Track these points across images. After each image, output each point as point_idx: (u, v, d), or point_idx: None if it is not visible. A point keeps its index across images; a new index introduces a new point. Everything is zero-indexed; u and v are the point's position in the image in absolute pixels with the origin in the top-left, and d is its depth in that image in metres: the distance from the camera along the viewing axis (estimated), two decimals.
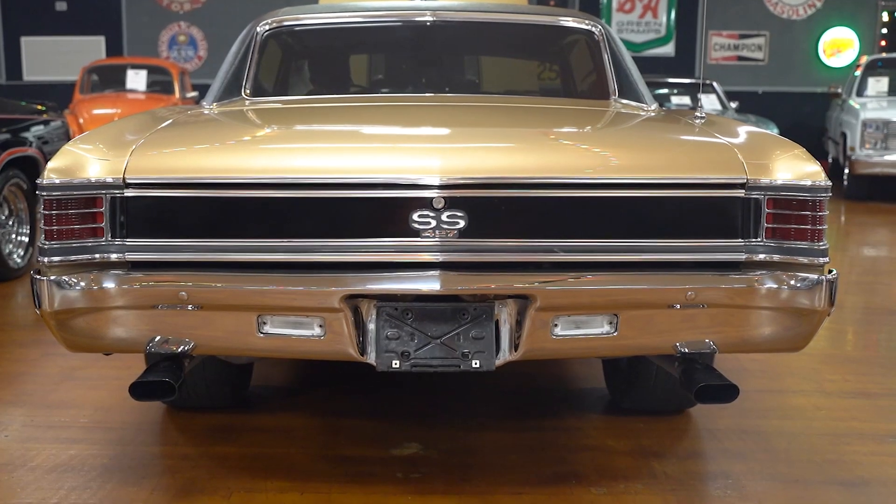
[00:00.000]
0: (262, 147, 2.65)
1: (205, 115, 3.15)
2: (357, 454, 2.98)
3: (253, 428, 3.21)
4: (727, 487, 2.78)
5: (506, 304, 2.40)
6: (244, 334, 2.43)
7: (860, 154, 10.47)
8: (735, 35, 15.12)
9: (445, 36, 3.77)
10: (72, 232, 2.39)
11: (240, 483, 2.76)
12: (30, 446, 3.04)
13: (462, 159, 2.40)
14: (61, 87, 13.48)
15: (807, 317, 2.47)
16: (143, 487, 2.74)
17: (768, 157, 2.48)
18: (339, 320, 2.37)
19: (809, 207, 2.43)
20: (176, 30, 15.36)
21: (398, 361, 2.40)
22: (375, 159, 2.43)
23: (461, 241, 2.34)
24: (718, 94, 11.74)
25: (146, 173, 2.39)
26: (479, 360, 2.41)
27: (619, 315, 2.42)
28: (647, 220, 2.42)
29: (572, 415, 3.38)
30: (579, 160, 2.48)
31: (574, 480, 2.80)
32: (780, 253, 2.43)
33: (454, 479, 2.79)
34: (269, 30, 3.60)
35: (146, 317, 2.42)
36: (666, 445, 3.09)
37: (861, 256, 7.61)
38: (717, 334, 2.48)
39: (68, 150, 2.49)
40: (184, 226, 2.40)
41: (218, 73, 3.59)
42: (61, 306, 2.39)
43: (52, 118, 6.64)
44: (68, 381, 3.75)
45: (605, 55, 3.54)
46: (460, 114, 3.11)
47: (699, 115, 2.97)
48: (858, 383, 3.86)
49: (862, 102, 11.05)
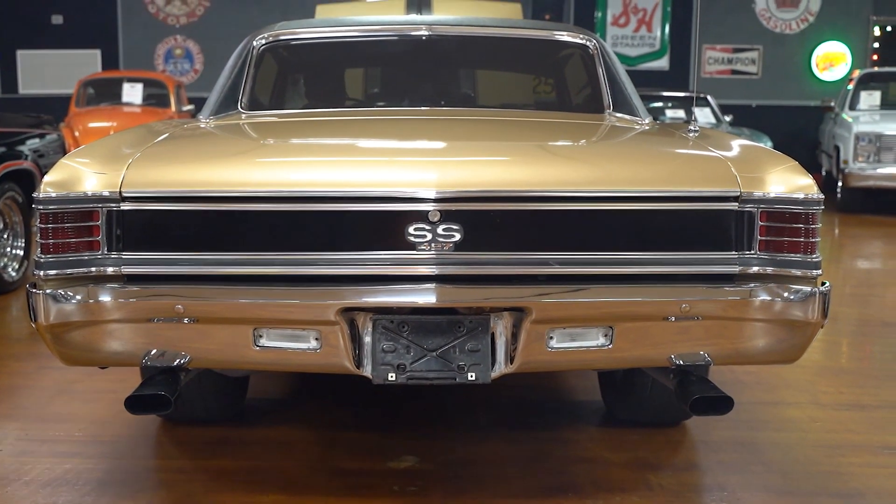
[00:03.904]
0: (258, 161, 2.66)
1: (201, 129, 3.15)
2: (354, 467, 2.98)
3: (249, 441, 3.21)
4: (722, 499, 2.79)
5: (501, 317, 2.41)
6: (240, 347, 2.43)
7: (853, 167, 10.51)
8: (729, 49, 15.19)
9: (441, 50, 3.78)
10: (68, 245, 2.39)
11: (236, 497, 2.76)
12: (24, 460, 3.04)
13: (458, 173, 2.41)
14: (57, 101, 13.47)
15: (800, 329, 2.48)
16: (139, 501, 2.73)
17: (762, 170, 2.50)
18: (335, 333, 2.38)
19: (803, 220, 2.44)
20: (172, 43, 15.38)
21: (394, 374, 2.41)
22: (371, 173, 2.44)
23: (457, 255, 2.35)
24: (713, 107, 11.79)
25: (142, 187, 2.40)
26: (474, 372, 2.41)
27: (614, 327, 2.43)
28: (642, 233, 2.44)
29: (568, 427, 3.39)
30: (574, 173, 2.49)
31: (570, 492, 2.80)
32: (773, 265, 2.44)
33: (451, 492, 2.79)
34: (265, 44, 3.62)
35: (142, 330, 2.42)
36: (662, 457, 3.10)
37: (855, 269, 7.63)
38: (712, 346, 2.49)
39: (65, 163, 2.49)
40: (180, 239, 2.41)
41: (214, 86, 3.60)
42: (57, 319, 2.39)
43: (48, 131, 6.65)
44: (64, 394, 3.74)
45: (600, 69, 3.56)
46: (456, 127, 3.12)
47: (693, 128, 2.98)
48: (853, 395, 3.87)
49: (855, 116, 11.10)
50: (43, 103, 13.22)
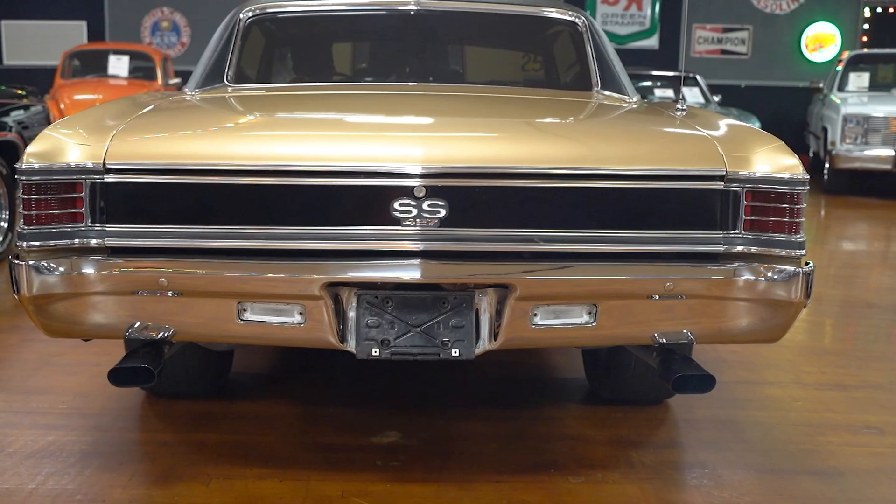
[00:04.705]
0: (243, 134, 2.65)
1: (186, 102, 3.13)
2: (337, 442, 2.99)
3: (232, 415, 3.21)
4: (703, 477, 2.81)
5: (486, 294, 2.41)
6: (224, 321, 2.43)
7: (840, 148, 10.54)
8: (719, 28, 15.17)
9: (429, 25, 3.76)
10: (51, 217, 2.37)
11: (219, 470, 2.76)
12: (7, 432, 3.03)
13: (444, 148, 2.40)
14: (42, 72, 13.35)
15: (783, 308, 2.50)
16: (122, 474, 2.73)
17: (748, 149, 2.50)
18: (319, 308, 2.38)
19: (787, 200, 2.45)
20: (159, 16, 15.24)
21: (378, 349, 2.41)
22: (357, 147, 2.43)
23: (442, 230, 2.35)
24: (702, 87, 11.79)
25: (126, 159, 2.38)
26: (458, 348, 2.42)
27: (598, 305, 2.44)
28: (627, 211, 2.44)
29: (551, 404, 3.40)
30: (560, 150, 2.49)
31: (552, 469, 2.82)
32: (757, 245, 2.45)
33: (433, 468, 2.81)
34: (252, 17, 3.59)
35: (126, 303, 2.41)
36: (643, 435, 3.12)
37: (840, 250, 7.67)
38: (695, 325, 2.50)
39: (48, 134, 2.47)
40: (164, 212, 2.39)
41: (200, 59, 3.58)
42: (40, 291, 2.38)
43: (33, 103, 6.59)
44: (47, 366, 3.73)
45: (589, 47, 3.55)
46: (443, 103, 3.11)
47: (681, 107, 2.98)
48: (835, 375, 3.90)
49: (843, 97, 11.12)
50: (28, 75, 13.11)
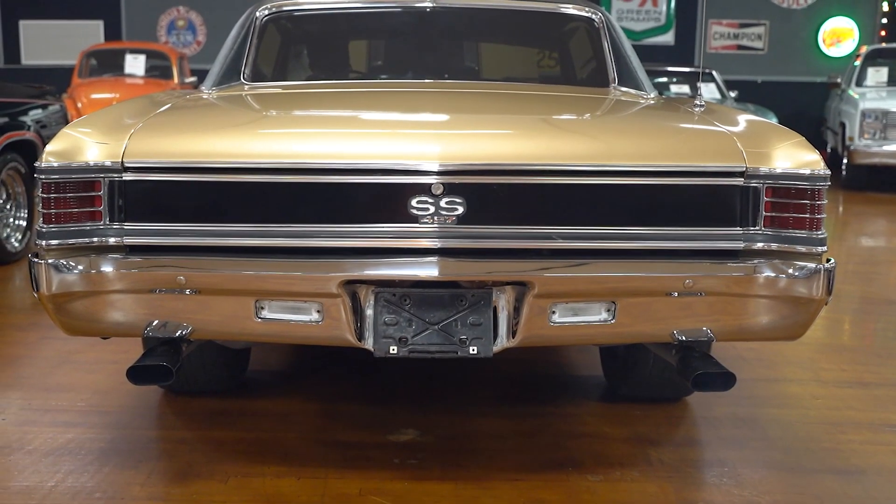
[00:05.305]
0: (260, 132, 2.65)
1: (203, 100, 3.14)
2: (354, 440, 2.99)
3: (250, 412, 3.22)
4: (723, 475, 2.79)
5: (504, 291, 2.41)
6: (242, 319, 2.43)
7: (859, 144, 10.46)
8: (735, 24, 15.08)
9: (445, 22, 3.75)
10: (70, 215, 2.38)
11: (237, 467, 2.77)
12: (27, 429, 3.05)
13: (461, 145, 2.39)
14: (60, 72, 13.42)
15: (804, 305, 2.47)
16: (140, 471, 2.74)
17: (767, 145, 2.48)
18: (336, 306, 2.37)
19: (808, 196, 2.42)
20: (175, 14, 15.30)
21: (396, 347, 2.41)
22: (374, 145, 2.43)
23: (459, 228, 2.34)
24: (718, 82, 11.72)
25: (145, 157, 2.38)
26: (476, 346, 2.41)
27: (616, 302, 2.42)
28: (646, 208, 2.42)
29: (569, 402, 3.39)
30: (578, 147, 2.47)
31: (571, 467, 2.81)
32: (778, 241, 2.43)
33: (451, 465, 2.80)
34: (268, 15, 3.59)
35: (144, 301, 2.42)
36: (662, 433, 3.10)
37: (859, 246, 7.61)
38: (715, 322, 2.48)
39: (67, 133, 2.48)
40: (182, 210, 2.40)
41: (217, 57, 3.58)
42: (59, 289, 2.39)
43: (51, 102, 6.62)
44: (66, 364, 3.75)
45: (605, 43, 3.53)
46: (459, 100, 3.10)
47: (698, 103, 2.96)
48: (855, 373, 3.87)
49: (861, 92, 11.04)
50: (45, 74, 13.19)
